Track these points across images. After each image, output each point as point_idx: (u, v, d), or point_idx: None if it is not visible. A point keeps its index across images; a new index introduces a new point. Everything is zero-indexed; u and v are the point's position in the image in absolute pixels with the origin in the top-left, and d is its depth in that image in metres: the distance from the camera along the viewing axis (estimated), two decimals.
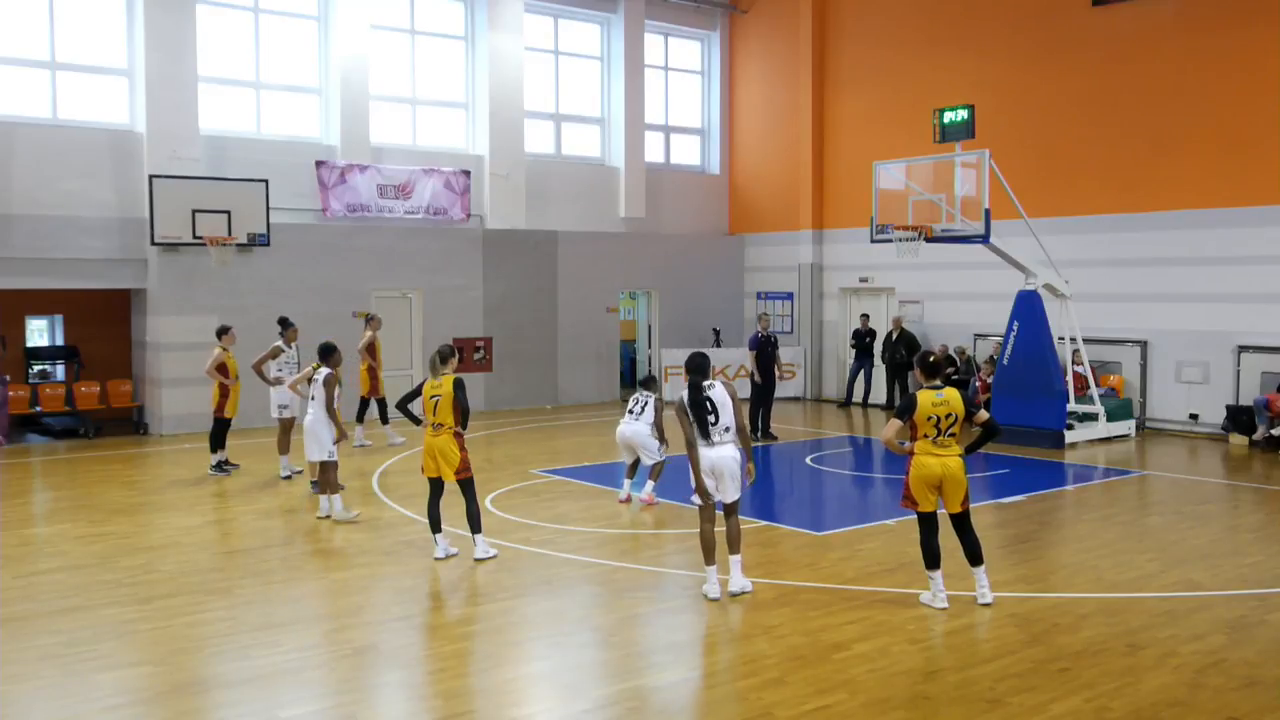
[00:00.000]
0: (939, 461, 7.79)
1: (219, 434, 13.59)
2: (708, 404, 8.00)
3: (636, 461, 11.84)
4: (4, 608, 7.96)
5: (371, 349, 15.75)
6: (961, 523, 7.99)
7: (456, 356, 9.52)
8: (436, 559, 9.28)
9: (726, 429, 8.02)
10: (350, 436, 15.62)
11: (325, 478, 10.96)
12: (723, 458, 8.01)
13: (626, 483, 11.90)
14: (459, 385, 9.18)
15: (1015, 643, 7.16)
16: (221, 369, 13.42)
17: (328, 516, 10.92)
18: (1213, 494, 12.54)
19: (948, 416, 7.77)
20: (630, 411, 11.82)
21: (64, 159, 16.31)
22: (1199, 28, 16.72)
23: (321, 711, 6.22)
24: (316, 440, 10.98)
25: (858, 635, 7.32)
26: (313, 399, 11.16)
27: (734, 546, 8.23)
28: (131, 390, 17.52)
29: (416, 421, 9.62)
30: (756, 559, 9.44)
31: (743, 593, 8.17)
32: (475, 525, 9.28)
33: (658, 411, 11.69)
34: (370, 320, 15.99)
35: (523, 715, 6.21)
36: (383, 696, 6.52)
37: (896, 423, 7.83)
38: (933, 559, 7.92)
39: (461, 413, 9.15)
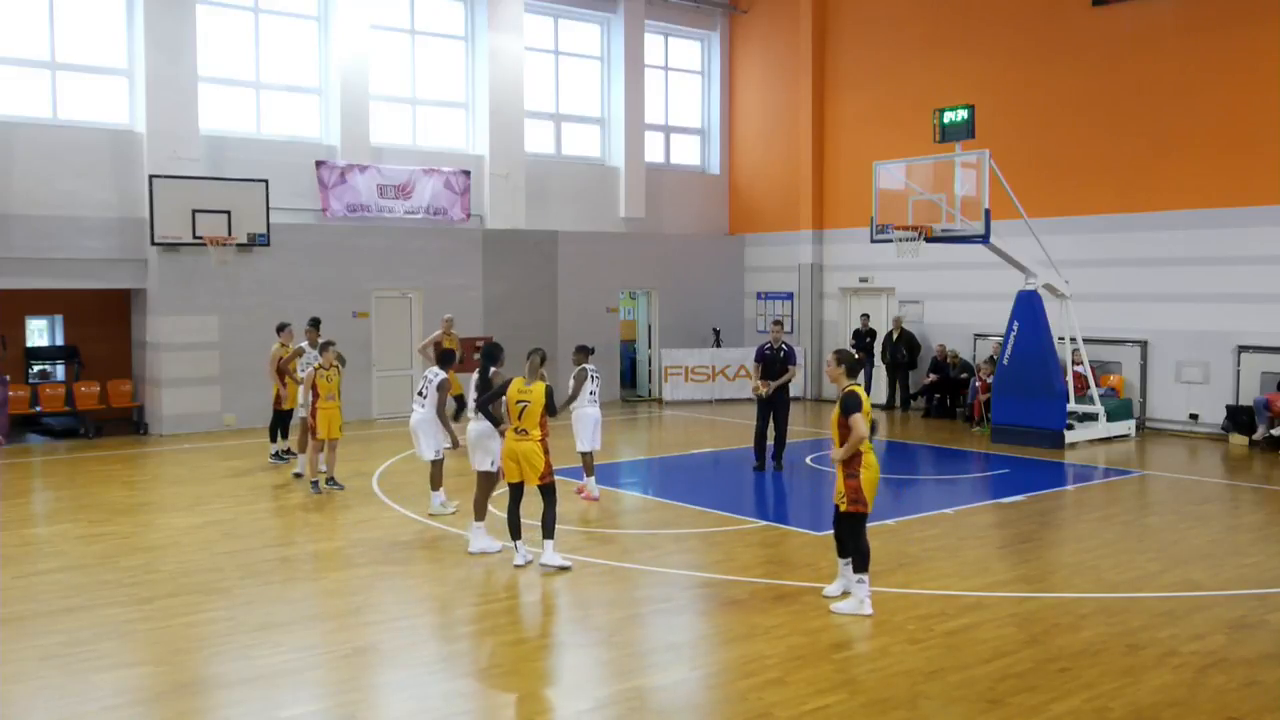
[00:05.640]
0: (876, 460, 7.73)
1: (278, 425, 14.22)
2: (490, 386, 9.46)
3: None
4: (4, 608, 7.96)
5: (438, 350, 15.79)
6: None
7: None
8: (516, 566, 9.04)
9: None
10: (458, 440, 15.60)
11: (432, 474, 11.14)
12: (488, 432, 9.48)
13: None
14: (551, 394, 9.03)
15: (1015, 643, 7.16)
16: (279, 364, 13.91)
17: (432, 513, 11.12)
18: (1213, 494, 12.53)
19: (869, 415, 7.69)
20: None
21: (64, 159, 16.30)
22: (1199, 28, 16.72)
23: (321, 711, 6.23)
24: (429, 438, 10.93)
25: (858, 635, 7.32)
26: (421, 396, 10.98)
27: (478, 513, 9.52)
28: (131, 390, 17.52)
29: (497, 423, 9.34)
30: (757, 559, 9.46)
31: (482, 553, 9.41)
32: (549, 530, 9.03)
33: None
34: (444, 321, 16.22)
35: (523, 715, 6.21)
36: (383, 696, 6.52)
37: (861, 418, 7.58)
38: (868, 560, 7.76)
39: (545, 420, 9.03)
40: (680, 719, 6.24)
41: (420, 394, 11.05)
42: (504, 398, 9.10)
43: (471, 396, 9.91)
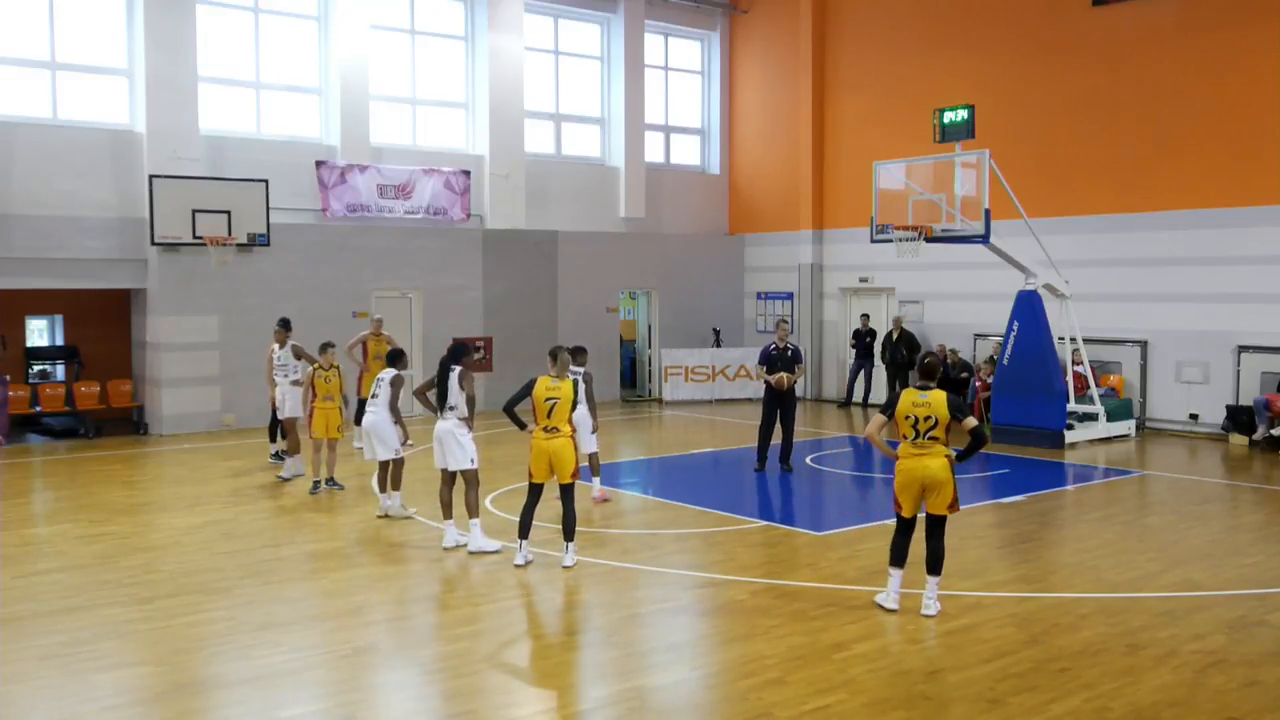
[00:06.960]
0: (919, 464, 7.65)
1: (277, 424, 14.09)
2: (446, 387, 9.60)
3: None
4: (4, 608, 7.96)
5: (364, 349, 15.46)
6: (935, 527, 7.75)
7: None
8: (517, 565, 9.01)
9: (451, 408, 9.58)
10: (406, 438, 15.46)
11: (392, 474, 11.02)
12: (444, 430, 9.56)
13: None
14: (577, 390, 9.08)
15: (1015, 643, 7.16)
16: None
17: (386, 515, 10.99)
18: (1213, 494, 12.53)
19: (927, 419, 7.64)
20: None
21: (64, 159, 16.30)
22: (1199, 28, 16.72)
23: (321, 711, 6.22)
24: (381, 440, 10.93)
25: (858, 635, 7.32)
26: (375, 398, 11.00)
27: (471, 511, 9.43)
28: (131, 390, 17.52)
29: (521, 426, 9.05)
30: (757, 559, 9.45)
31: (481, 552, 9.35)
32: (571, 533, 9.04)
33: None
34: (374, 321, 15.88)
35: (523, 715, 6.21)
36: (383, 696, 6.52)
37: (880, 418, 7.91)
38: (899, 557, 7.84)
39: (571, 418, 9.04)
40: (680, 719, 6.24)
41: (374, 395, 11.08)
42: (530, 396, 8.97)
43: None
